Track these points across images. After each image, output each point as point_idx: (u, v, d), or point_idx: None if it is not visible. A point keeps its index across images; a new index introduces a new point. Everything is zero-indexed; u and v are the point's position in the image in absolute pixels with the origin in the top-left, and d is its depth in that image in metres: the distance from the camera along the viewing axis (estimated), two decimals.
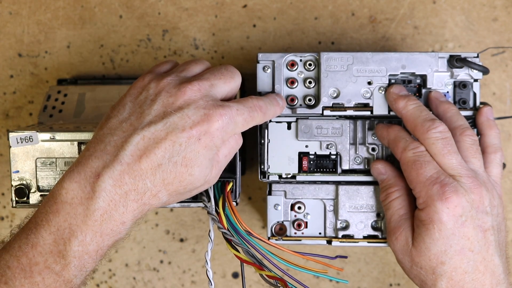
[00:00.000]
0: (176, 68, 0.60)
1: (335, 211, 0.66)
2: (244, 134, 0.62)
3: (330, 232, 0.66)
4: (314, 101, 0.64)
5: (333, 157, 0.65)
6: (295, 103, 0.64)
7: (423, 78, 0.64)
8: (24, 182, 0.64)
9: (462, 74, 0.64)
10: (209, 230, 0.62)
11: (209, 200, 0.62)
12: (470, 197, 0.57)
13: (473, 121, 0.64)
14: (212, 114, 0.55)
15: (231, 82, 0.59)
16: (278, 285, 0.60)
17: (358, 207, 0.65)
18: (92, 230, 0.53)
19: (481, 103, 0.66)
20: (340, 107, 0.64)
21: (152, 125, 0.54)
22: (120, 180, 0.53)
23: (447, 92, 0.64)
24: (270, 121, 0.65)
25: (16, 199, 0.64)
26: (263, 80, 0.65)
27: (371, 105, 0.64)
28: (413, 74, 0.64)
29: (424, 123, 0.59)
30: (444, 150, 0.59)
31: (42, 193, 0.64)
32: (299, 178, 0.65)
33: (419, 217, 0.59)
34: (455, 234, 0.57)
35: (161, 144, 0.53)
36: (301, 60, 0.65)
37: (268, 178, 0.65)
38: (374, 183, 0.65)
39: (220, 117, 0.55)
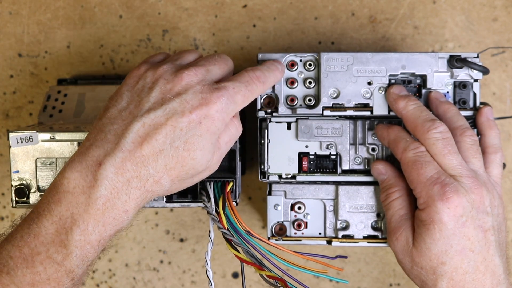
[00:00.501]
0: (171, 57, 0.61)
1: (335, 211, 0.66)
2: (244, 133, 0.62)
3: (330, 232, 0.66)
4: (314, 101, 0.64)
5: (333, 157, 0.65)
6: (295, 103, 0.64)
7: (423, 78, 0.64)
8: (24, 182, 0.64)
9: (462, 74, 0.64)
10: (209, 230, 0.62)
11: (209, 200, 0.62)
12: (470, 197, 0.57)
13: (473, 121, 0.64)
14: (209, 97, 0.55)
15: (225, 68, 0.60)
16: (278, 285, 0.60)
17: (358, 207, 0.65)
18: (94, 219, 0.52)
19: (481, 103, 0.66)
20: (340, 107, 0.64)
21: (152, 112, 0.54)
22: (122, 167, 0.53)
23: (447, 92, 0.64)
24: (270, 120, 0.65)
25: (16, 199, 0.64)
26: None
27: (371, 105, 0.64)
28: (413, 74, 0.64)
29: (425, 124, 0.59)
30: (444, 151, 0.59)
31: (42, 193, 0.64)
32: (299, 178, 0.65)
33: (420, 217, 0.59)
34: (456, 234, 0.57)
35: (161, 130, 0.54)
36: (301, 60, 0.65)
37: (268, 178, 0.65)
38: (374, 183, 0.65)
39: (217, 99, 0.55)
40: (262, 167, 0.65)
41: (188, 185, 0.58)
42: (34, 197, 0.64)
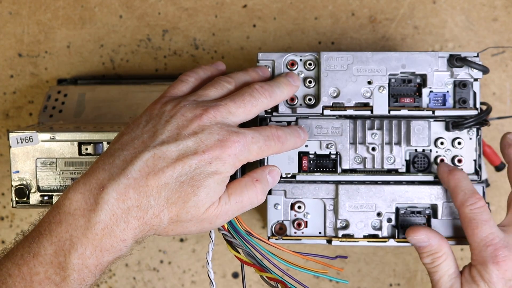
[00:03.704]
0: (195, 93, 0.59)
1: (335, 211, 0.65)
2: None
3: (330, 232, 0.66)
4: (314, 101, 0.64)
5: (333, 156, 0.65)
6: (295, 103, 0.64)
7: (423, 77, 0.64)
8: (24, 182, 0.64)
9: (462, 73, 0.64)
10: (210, 231, 0.62)
11: None
12: None
13: (474, 120, 0.64)
14: (226, 140, 0.55)
15: (251, 111, 0.58)
16: (278, 287, 0.60)
17: (358, 207, 0.65)
18: (92, 244, 0.52)
19: (481, 103, 0.66)
20: (340, 107, 0.64)
21: (165, 145, 0.54)
22: (124, 194, 0.52)
23: (447, 91, 0.64)
24: (270, 120, 0.65)
25: (16, 199, 0.64)
26: None
27: (371, 104, 0.64)
28: (413, 73, 0.64)
29: None
30: None
31: (42, 193, 0.64)
32: (299, 177, 0.65)
33: (471, 273, 0.61)
34: None
35: (170, 164, 0.53)
36: (301, 60, 0.65)
37: None
38: (374, 182, 0.65)
39: (233, 143, 0.55)
40: None
41: (185, 231, 0.56)
42: (34, 198, 0.64)
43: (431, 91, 0.64)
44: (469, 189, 0.62)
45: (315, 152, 0.65)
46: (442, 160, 0.65)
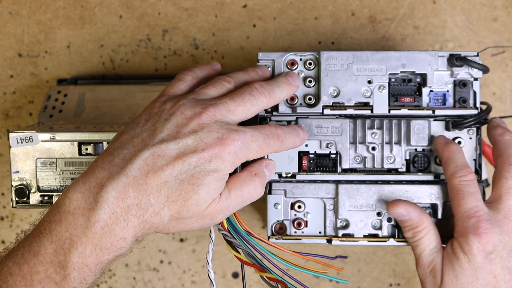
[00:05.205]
0: (194, 91, 0.60)
1: (335, 210, 0.65)
2: None
3: (330, 231, 0.66)
4: (314, 100, 0.64)
5: (333, 156, 0.65)
6: (295, 102, 0.64)
7: (423, 77, 0.64)
8: (24, 182, 0.64)
9: (462, 73, 0.64)
10: (210, 231, 0.62)
11: None
12: (504, 238, 0.59)
13: (474, 120, 0.64)
14: (225, 138, 0.55)
15: (250, 110, 0.58)
16: (279, 286, 0.60)
17: (358, 206, 0.65)
18: (92, 242, 0.52)
19: (481, 102, 0.66)
20: (340, 106, 0.64)
21: (164, 143, 0.54)
22: (123, 192, 0.52)
23: (447, 91, 0.64)
24: (270, 119, 0.65)
25: (16, 199, 0.64)
26: None
27: (371, 104, 0.64)
28: (413, 73, 0.64)
29: (510, 157, 0.61)
30: None
31: (42, 193, 0.64)
32: (299, 177, 0.65)
33: (453, 245, 0.60)
34: (483, 268, 0.59)
35: (170, 162, 0.53)
36: (301, 59, 0.65)
37: None
38: (374, 182, 0.65)
39: (233, 141, 0.55)
40: None
41: (187, 228, 0.56)
42: (34, 198, 0.64)
43: (431, 91, 0.64)
44: (462, 162, 0.62)
45: (315, 152, 0.65)
46: None
